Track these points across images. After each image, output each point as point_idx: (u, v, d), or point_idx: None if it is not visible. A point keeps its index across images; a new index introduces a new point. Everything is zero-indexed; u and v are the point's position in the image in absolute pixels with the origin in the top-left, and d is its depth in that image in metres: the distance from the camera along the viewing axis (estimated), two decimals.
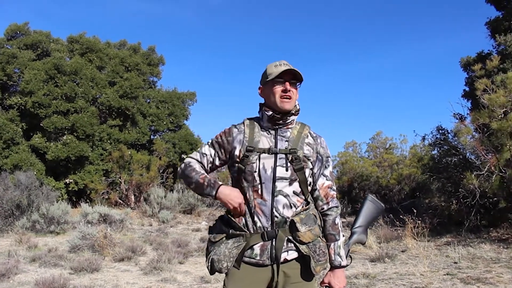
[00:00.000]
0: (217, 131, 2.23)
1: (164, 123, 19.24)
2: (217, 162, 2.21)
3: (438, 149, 11.16)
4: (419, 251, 7.42)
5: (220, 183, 2.10)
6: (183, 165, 2.20)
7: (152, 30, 53.83)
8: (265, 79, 2.13)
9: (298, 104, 2.17)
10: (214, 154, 2.20)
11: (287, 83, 2.07)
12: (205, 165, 2.21)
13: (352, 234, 2.31)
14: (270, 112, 2.11)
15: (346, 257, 2.18)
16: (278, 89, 2.08)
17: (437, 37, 58.08)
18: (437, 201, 11.00)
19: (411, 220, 8.29)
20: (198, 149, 2.28)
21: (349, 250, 2.22)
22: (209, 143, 2.23)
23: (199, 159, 2.21)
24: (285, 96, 2.08)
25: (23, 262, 7.45)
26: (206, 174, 2.14)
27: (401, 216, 9.10)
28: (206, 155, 2.20)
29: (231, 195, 2.05)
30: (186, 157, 2.27)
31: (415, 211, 8.54)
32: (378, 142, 20.42)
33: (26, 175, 12.13)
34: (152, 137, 19.56)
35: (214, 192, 2.07)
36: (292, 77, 2.08)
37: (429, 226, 9.21)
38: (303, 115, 2.33)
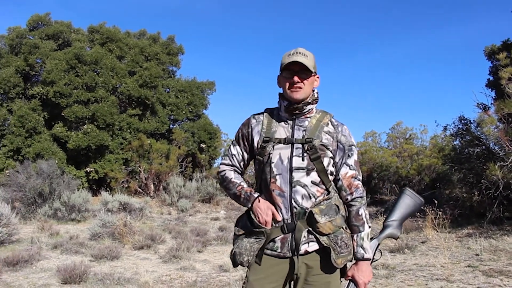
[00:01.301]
0: (235, 121, 2.22)
1: (183, 112, 19.29)
2: (246, 157, 2.21)
3: (460, 139, 10.97)
4: (439, 242, 7.33)
5: (256, 195, 2.08)
6: (220, 176, 2.25)
7: (171, 20, 53.98)
8: (280, 69, 2.10)
9: (316, 93, 2.12)
10: (241, 150, 2.20)
11: (295, 76, 2.02)
12: (238, 166, 2.22)
13: (384, 227, 2.23)
14: (286, 102, 2.08)
15: (376, 251, 2.12)
16: (288, 80, 2.05)
17: (460, 25, 56.98)
18: (459, 192, 10.83)
19: (432, 211, 8.18)
20: (227, 151, 2.27)
21: (378, 244, 2.14)
22: (233, 142, 2.24)
23: (231, 163, 2.22)
24: (293, 88, 2.04)
25: (45, 249, 7.59)
26: (242, 184, 2.16)
27: (421, 207, 8.98)
28: (235, 155, 2.21)
29: (262, 209, 2.03)
30: (220, 164, 2.28)
31: (435, 202, 8.42)
32: (398, 132, 20.22)
33: (48, 163, 12.31)
34: (171, 126, 19.65)
35: (249, 205, 2.08)
36: (301, 67, 2.02)
37: (450, 217, 9.09)
38: (325, 105, 2.28)
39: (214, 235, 9.14)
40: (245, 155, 2.20)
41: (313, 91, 2.12)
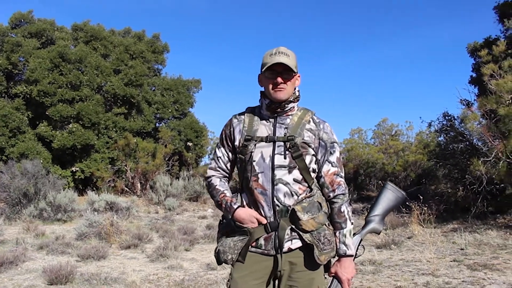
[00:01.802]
0: (222, 119, 2.22)
1: (169, 110, 19.23)
2: (232, 157, 2.19)
3: (445, 135, 11.10)
4: (425, 237, 7.41)
5: (236, 206, 2.07)
6: (206, 182, 2.25)
7: (156, 18, 53.66)
8: (261, 69, 2.09)
9: (298, 91, 2.13)
10: (226, 151, 2.19)
11: (279, 77, 2.02)
12: (225, 168, 2.21)
13: (366, 223, 2.22)
14: (268, 100, 2.08)
15: (358, 247, 2.12)
16: (271, 81, 2.04)
17: (444, 23, 57.55)
18: (444, 187, 10.97)
19: (417, 207, 8.26)
20: (213, 154, 2.27)
21: (361, 240, 2.14)
22: (218, 144, 2.23)
23: (217, 166, 2.21)
24: (277, 88, 2.04)
25: (31, 249, 7.51)
26: (225, 192, 2.14)
27: (407, 203, 9.08)
28: (220, 157, 2.20)
29: (246, 219, 2.03)
30: (208, 168, 2.27)
31: (421, 197, 8.50)
32: (384, 129, 20.36)
33: (32, 163, 12.18)
34: (157, 125, 19.57)
35: (230, 216, 2.08)
36: (285, 68, 2.02)
37: (436, 212, 9.20)
38: (309, 102, 2.29)
39: (202, 233, 9.13)
40: (231, 155, 2.19)
41: (295, 89, 2.12)
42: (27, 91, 16.40)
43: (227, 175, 2.24)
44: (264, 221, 2.01)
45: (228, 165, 2.21)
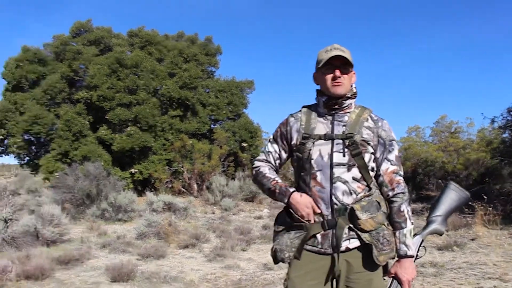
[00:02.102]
0: (276, 119, 2.20)
1: (224, 112, 19.42)
2: (283, 156, 2.19)
3: (509, 131, 10.57)
4: (491, 239, 7.07)
5: (292, 189, 2.07)
6: (254, 171, 2.23)
7: (208, 21, 54.57)
8: (317, 66, 2.08)
9: (354, 87, 2.11)
10: (279, 149, 2.19)
11: (337, 70, 2.01)
12: (273, 163, 2.21)
13: (428, 223, 2.16)
14: (325, 97, 2.07)
15: (419, 248, 2.06)
16: (328, 76, 2.03)
17: (507, 14, 54.80)
18: (509, 186, 10.43)
19: (481, 207, 7.90)
20: (263, 148, 2.27)
21: (422, 240, 2.08)
22: (271, 140, 2.23)
23: (266, 159, 2.21)
24: (335, 83, 2.02)
25: (95, 248, 7.81)
26: (276, 179, 2.13)
27: (470, 203, 8.70)
28: (271, 152, 2.20)
29: (301, 203, 2.01)
30: (255, 160, 2.27)
31: (485, 197, 8.12)
32: (443, 126, 19.62)
33: (94, 165, 12.66)
34: (212, 126, 19.81)
35: (286, 200, 2.06)
36: (342, 62, 2.01)
37: (501, 213, 8.75)
38: (365, 100, 2.25)
39: (258, 233, 9.15)
40: (282, 153, 2.19)
41: (352, 86, 2.10)
42: (87, 96, 17.07)
43: (275, 170, 2.22)
44: (318, 210, 1.98)
45: (278, 162, 2.21)
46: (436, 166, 16.15)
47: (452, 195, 2.21)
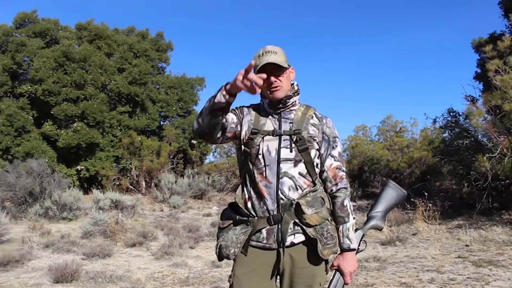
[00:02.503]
0: None
1: (174, 109, 19.24)
2: (233, 124, 2.06)
3: (449, 131, 11.07)
4: (430, 234, 7.40)
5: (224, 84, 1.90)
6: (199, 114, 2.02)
7: (160, 16, 53.70)
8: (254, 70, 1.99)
9: (296, 85, 2.13)
10: (232, 117, 2.07)
11: (272, 77, 1.99)
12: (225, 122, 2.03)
13: (368, 219, 2.25)
14: (268, 100, 2.09)
15: (361, 242, 2.14)
16: (264, 82, 1.93)
17: (448, 18, 57.28)
18: (448, 184, 10.94)
19: (422, 203, 8.24)
20: None
21: (363, 235, 2.16)
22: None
23: None
24: (272, 88, 2.02)
25: (37, 248, 7.55)
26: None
27: (412, 200, 9.06)
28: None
29: (235, 77, 1.79)
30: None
31: (426, 194, 8.48)
32: (389, 126, 20.27)
33: (38, 162, 12.23)
34: (161, 123, 19.59)
35: (223, 88, 1.85)
36: (275, 66, 2.00)
37: (440, 209, 9.16)
38: (313, 99, 2.30)
39: (207, 231, 9.15)
40: (235, 119, 2.08)
41: (292, 84, 2.12)
42: (31, 90, 16.46)
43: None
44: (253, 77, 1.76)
45: (232, 125, 2.07)
46: (381, 164, 16.67)
47: (391, 193, 2.31)
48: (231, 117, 2.07)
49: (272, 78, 2.01)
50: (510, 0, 11.97)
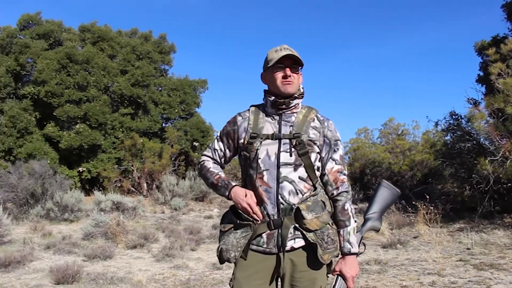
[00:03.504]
0: (227, 118, 2.21)
1: (176, 111, 19.27)
2: (228, 154, 2.21)
3: (451, 134, 11.05)
4: (431, 237, 7.38)
5: (234, 183, 2.09)
6: (199, 166, 2.25)
7: (163, 18, 53.82)
8: (266, 65, 2.10)
9: (302, 88, 2.14)
10: (224, 147, 2.20)
11: (288, 69, 2.04)
12: (218, 160, 2.23)
13: (365, 221, 2.23)
14: (273, 97, 2.08)
15: (359, 244, 2.12)
16: (279, 74, 2.05)
17: (451, 21, 57.24)
18: (450, 187, 10.91)
19: (424, 206, 8.23)
20: (210, 144, 2.28)
21: (362, 237, 2.15)
22: (217, 138, 2.23)
23: (212, 156, 2.23)
24: (286, 81, 2.05)
25: (38, 249, 7.57)
26: (220, 173, 2.16)
27: (413, 202, 9.06)
28: (217, 150, 2.21)
29: (241, 196, 2.03)
30: (201, 155, 2.28)
31: (427, 197, 8.47)
32: (390, 128, 20.28)
33: (40, 164, 12.26)
34: (164, 125, 19.62)
35: (227, 193, 2.09)
36: (292, 62, 2.04)
37: (442, 212, 9.15)
38: (315, 101, 2.30)
39: (208, 233, 9.15)
40: (227, 152, 2.21)
41: (300, 86, 2.13)
42: (35, 92, 16.50)
43: (220, 166, 2.25)
44: (257, 207, 2.03)
45: (223, 160, 2.24)
46: (383, 167, 16.67)
47: (385, 192, 2.30)
48: (223, 150, 2.22)
49: (288, 71, 2.04)
50: None
